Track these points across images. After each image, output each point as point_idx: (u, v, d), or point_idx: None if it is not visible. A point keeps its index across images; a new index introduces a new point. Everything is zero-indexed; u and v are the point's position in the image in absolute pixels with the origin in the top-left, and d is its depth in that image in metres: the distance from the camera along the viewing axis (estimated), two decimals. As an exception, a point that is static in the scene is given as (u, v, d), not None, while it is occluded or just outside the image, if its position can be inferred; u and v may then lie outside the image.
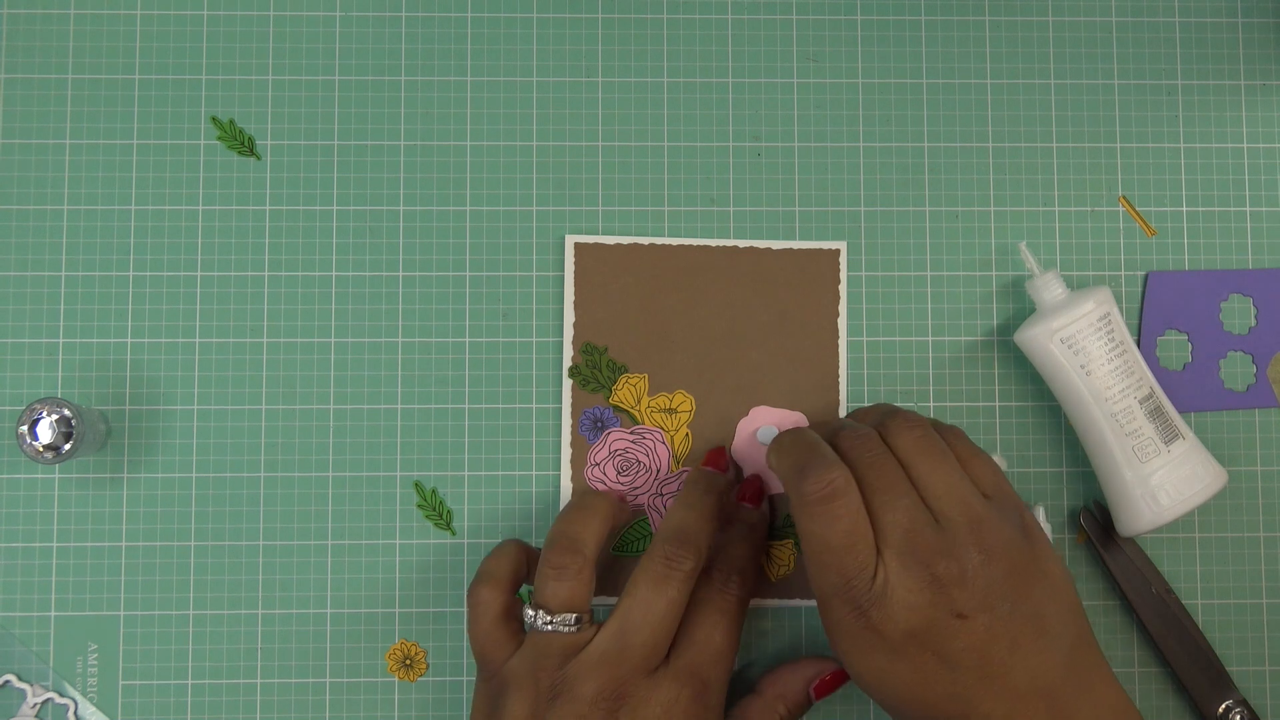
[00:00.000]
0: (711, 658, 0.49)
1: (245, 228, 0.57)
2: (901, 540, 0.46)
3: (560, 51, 0.58)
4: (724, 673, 0.50)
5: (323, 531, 0.56)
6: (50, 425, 0.52)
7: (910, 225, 0.58)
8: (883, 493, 0.47)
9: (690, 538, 0.50)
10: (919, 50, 0.59)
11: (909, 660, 0.46)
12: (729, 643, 0.50)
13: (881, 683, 0.47)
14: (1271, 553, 0.57)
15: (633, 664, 0.48)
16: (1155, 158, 0.58)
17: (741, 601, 0.51)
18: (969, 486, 0.48)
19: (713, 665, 0.49)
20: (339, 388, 0.57)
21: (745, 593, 0.52)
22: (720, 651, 0.50)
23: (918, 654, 0.46)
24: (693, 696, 0.48)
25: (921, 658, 0.46)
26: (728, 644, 0.50)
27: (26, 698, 0.55)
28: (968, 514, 0.47)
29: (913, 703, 0.46)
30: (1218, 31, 0.59)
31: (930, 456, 0.48)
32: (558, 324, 0.57)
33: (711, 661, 0.49)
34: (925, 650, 0.46)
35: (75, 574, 0.56)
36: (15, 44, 0.58)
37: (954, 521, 0.47)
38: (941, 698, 0.46)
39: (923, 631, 0.45)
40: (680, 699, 0.48)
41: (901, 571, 0.46)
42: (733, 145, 0.58)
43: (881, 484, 0.47)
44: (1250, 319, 0.58)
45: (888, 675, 0.46)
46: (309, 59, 0.58)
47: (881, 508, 0.47)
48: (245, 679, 0.56)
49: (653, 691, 0.48)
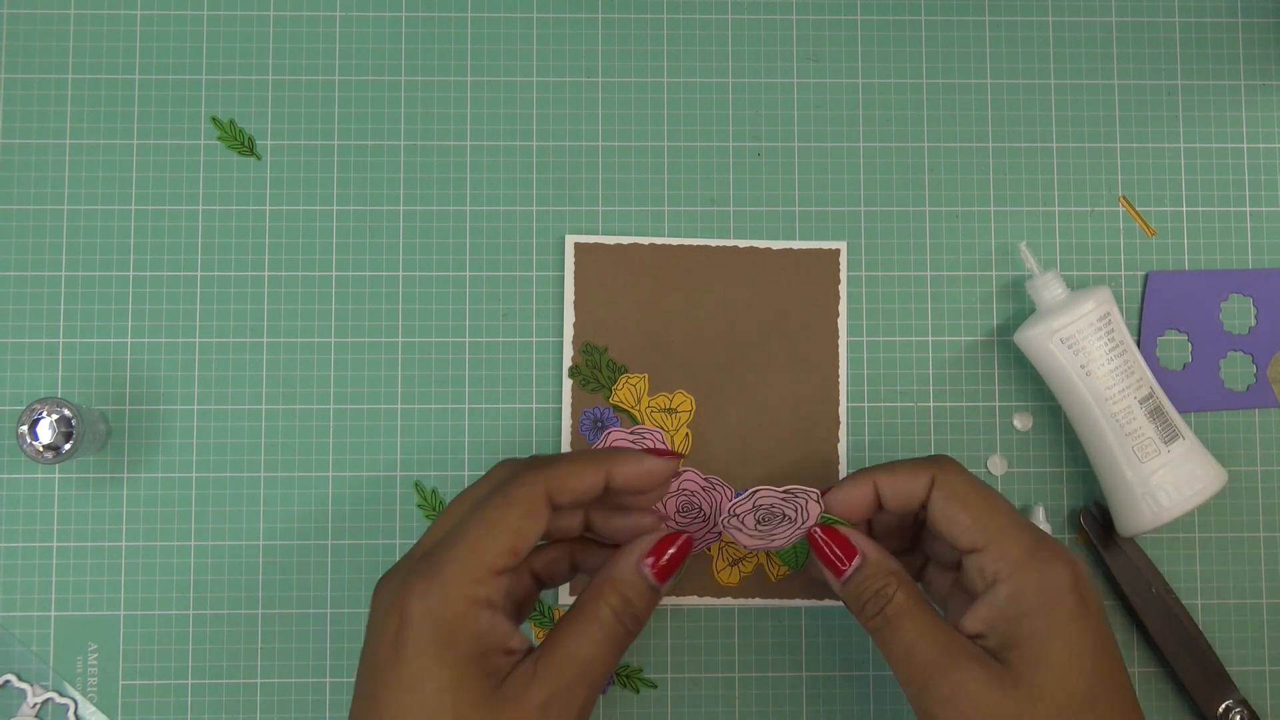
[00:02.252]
0: (453, 543, 0.45)
1: (245, 228, 0.57)
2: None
3: (560, 51, 0.58)
4: (467, 559, 0.44)
5: (323, 531, 0.56)
6: (50, 425, 0.52)
7: (910, 225, 0.58)
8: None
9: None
10: (919, 50, 0.59)
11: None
12: (487, 536, 0.45)
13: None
14: (1271, 553, 0.57)
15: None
16: (1155, 158, 0.58)
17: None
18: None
19: (450, 548, 0.45)
20: (339, 388, 0.57)
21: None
22: (472, 543, 0.44)
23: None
24: (407, 580, 0.44)
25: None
26: (486, 538, 0.45)
27: (26, 698, 0.55)
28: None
29: None
30: (1218, 31, 0.59)
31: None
32: (558, 324, 0.57)
33: (450, 546, 0.45)
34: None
35: (75, 574, 0.56)
36: (15, 44, 0.58)
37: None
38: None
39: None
40: (397, 584, 0.44)
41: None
42: (733, 145, 0.58)
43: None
44: (1250, 319, 0.58)
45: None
46: (309, 59, 0.58)
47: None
48: (245, 679, 0.56)
49: (390, 578, 0.45)
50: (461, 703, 0.42)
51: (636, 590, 0.46)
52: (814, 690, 0.56)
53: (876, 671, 0.56)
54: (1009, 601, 0.45)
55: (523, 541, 0.45)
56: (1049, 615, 0.45)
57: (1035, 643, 0.44)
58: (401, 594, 0.43)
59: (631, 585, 0.46)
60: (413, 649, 0.43)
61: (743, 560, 0.56)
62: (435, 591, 0.43)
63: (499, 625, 0.44)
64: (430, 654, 0.43)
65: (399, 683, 0.43)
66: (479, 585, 0.44)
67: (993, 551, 0.46)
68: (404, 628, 0.43)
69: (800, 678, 0.56)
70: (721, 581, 0.56)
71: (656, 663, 0.56)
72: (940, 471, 0.48)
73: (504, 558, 0.44)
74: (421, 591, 0.43)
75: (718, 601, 0.56)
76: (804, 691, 0.56)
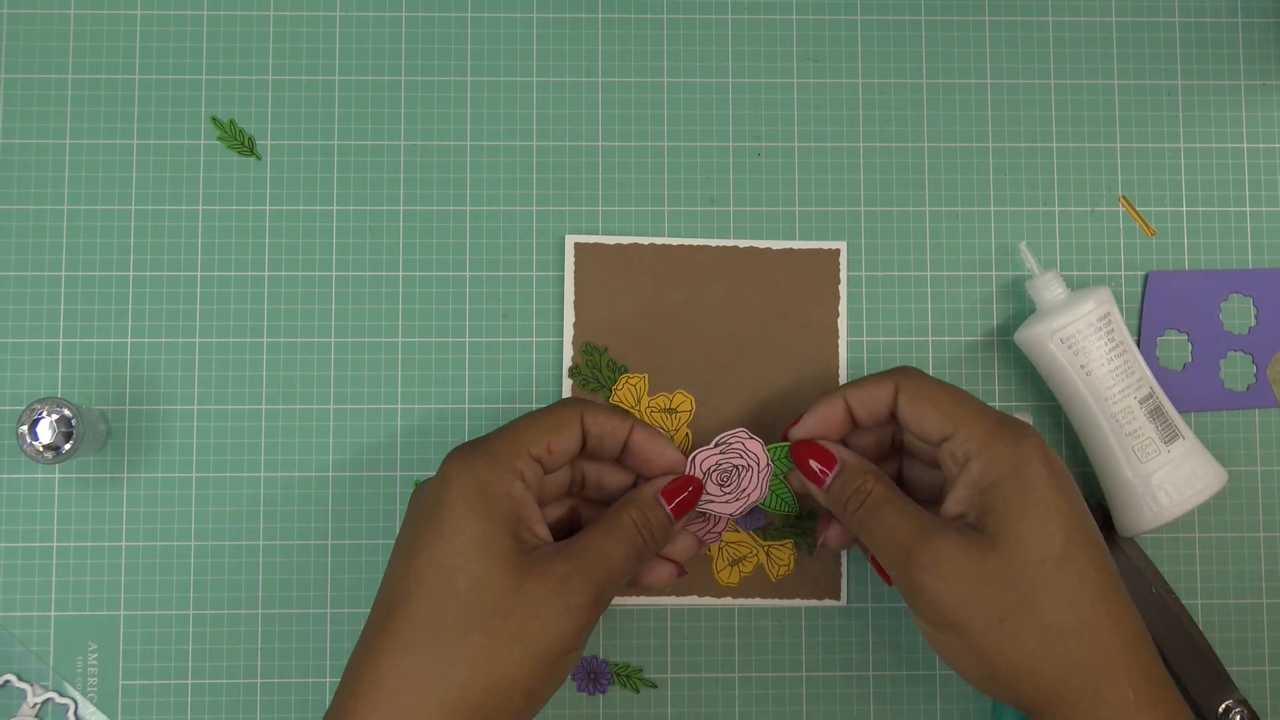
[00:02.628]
0: (500, 432, 0.49)
1: (245, 228, 0.57)
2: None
3: (560, 51, 0.58)
4: (508, 440, 0.49)
5: (323, 531, 0.56)
6: (50, 425, 0.52)
7: (910, 225, 0.58)
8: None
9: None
10: (919, 50, 0.59)
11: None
12: (528, 425, 0.50)
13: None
14: (1271, 553, 0.57)
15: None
16: (1155, 158, 0.58)
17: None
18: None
19: (496, 435, 0.49)
20: (339, 388, 0.57)
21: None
22: (514, 431, 0.49)
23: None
24: (452, 457, 0.48)
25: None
26: (525, 427, 0.49)
27: (26, 698, 0.55)
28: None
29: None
30: (1218, 31, 0.59)
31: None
32: (558, 324, 0.57)
33: (498, 434, 0.49)
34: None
35: (75, 574, 0.56)
36: (15, 44, 0.58)
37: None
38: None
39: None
40: (447, 462, 0.48)
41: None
42: (733, 145, 0.58)
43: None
44: (1250, 319, 0.58)
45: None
46: (309, 59, 0.58)
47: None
48: (245, 679, 0.56)
49: (442, 463, 0.49)
50: (491, 556, 0.46)
51: (655, 514, 0.50)
52: (814, 690, 0.56)
53: (876, 672, 0.56)
54: (981, 474, 0.47)
55: (560, 444, 0.49)
56: (1018, 480, 0.47)
57: (1009, 507, 0.46)
58: (447, 464, 0.48)
59: (651, 508, 0.50)
60: (452, 502, 0.47)
61: (743, 560, 0.56)
62: (478, 458, 0.48)
63: (530, 503, 0.48)
64: (466, 507, 0.47)
65: (435, 532, 0.46)
66: (516, 459, 0.48)
67: (961, 434, 0.48)
68: (445, 485, 0.47)
69: (800, 678, 0.56)
70: (721, 581, 0.56)
71: (656, 663, 0.56)
72: (903, 377, 0.50)
73: (540, 447, 0.49)
74: (465, 458, 0.48)
75: (718, 601, 0.56)
76: (804, 691, 0.56)
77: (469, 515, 0.46)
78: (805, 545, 0.56)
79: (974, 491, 0.47)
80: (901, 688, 0.56)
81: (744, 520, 0.56)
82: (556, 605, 0.46)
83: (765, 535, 0.56)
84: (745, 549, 0.56)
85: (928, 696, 0.56)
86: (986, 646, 0.45)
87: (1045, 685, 0.45)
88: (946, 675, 0.57)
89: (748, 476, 0.53)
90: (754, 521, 0.56)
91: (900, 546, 0.47)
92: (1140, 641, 0.46)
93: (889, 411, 0.51)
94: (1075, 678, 0.45)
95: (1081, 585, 0.45)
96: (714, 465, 0.53)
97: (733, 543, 0.56)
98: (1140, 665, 0.45)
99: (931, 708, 0.56)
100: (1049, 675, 0.45)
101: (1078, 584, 0.45)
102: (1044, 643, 0.45)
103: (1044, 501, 0.46)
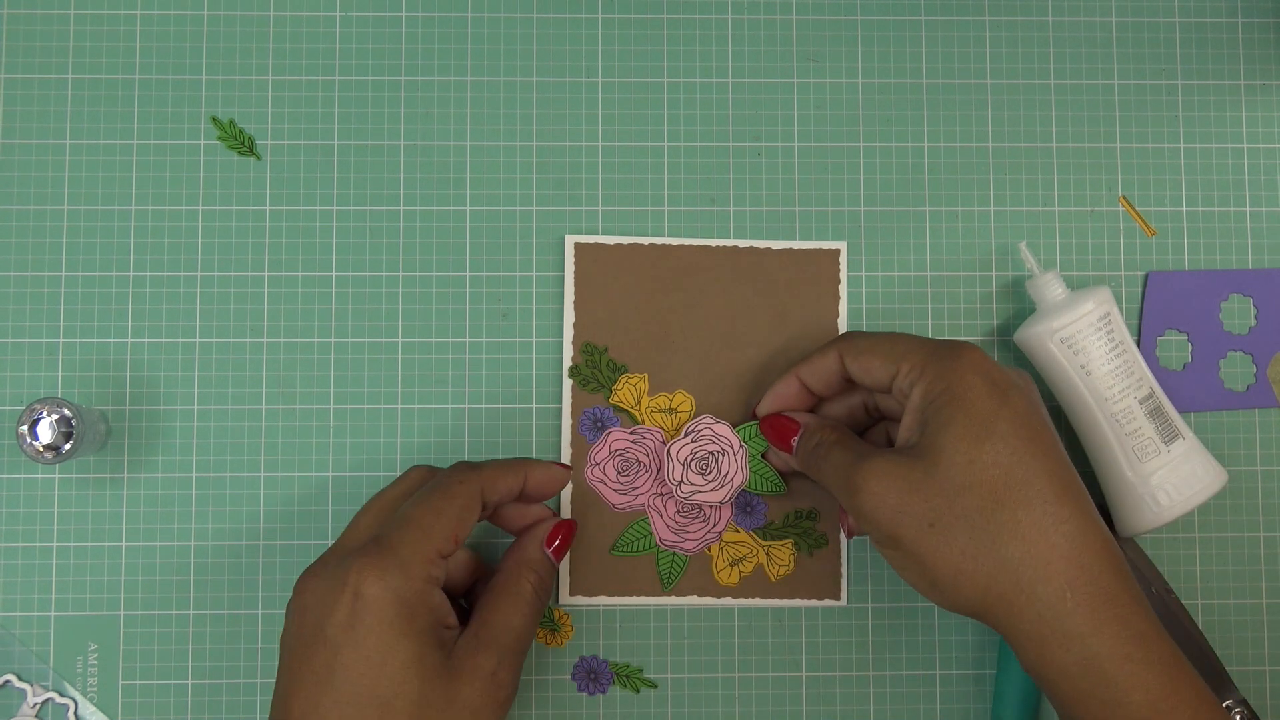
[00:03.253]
0: (402, 526, 0.48)
1: (245, 228, 0.57)
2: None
3: (560, 51, 0.58)
4: (415, 539, 0.48)
5: (323, 531, 0.56)
6: (50, 425, 0.52)
7: (910, 225, 0.58)
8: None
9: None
10: (919, 50, 0.59)
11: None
12: (432, 518, 0.49)
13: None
14: (1271, 553, 0.57)
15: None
16: (1155, 158, 0.58)
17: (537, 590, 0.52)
18: None
19: (400, 531, 0.48)
20: (339, 388, 0.57)
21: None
22: (415, 522, 0.48)
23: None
24: (360, 561, 0.47)
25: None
26: (429, 517, 0.49)
27: (26, 698, 0.55)
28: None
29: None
30: (1218, 31, 0.59)
31: None
32: (558, 324, 0.57)
33: (400, 529, 0.48)
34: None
35: (75, 574, 0.56)
36: (15, 44, 0.58)
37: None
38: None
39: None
40: (350, 565, 0.47)
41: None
42: (733, 145, 0.58)
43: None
44: (1250, 319, 0.58)
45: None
46: (309, 59, 0.58)
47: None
48: (245, 679, 0.56)
49: (336, 562, 0.47)
50: (425, 674, 0.46)
51: (545, 568, 0.52)
52: (814, 690, 0.56)
53: (876, 671, 0.56)
54: (920, 400, 0.48)
55: (463, 530, 0.49)
56: (950, 394, 0.47)
57: (938, 422, 0.47)
58: (355, 576, 0.46)
59: (541, 563, 0.52)
60: (374, 625, 0.45)
61: (743, 560, 0.56)
62: (394, 571, 0.46)
63: (445, 603, 0.48)
64: (394, 629, 0.46)
65: (362, 659, 0.45)
66: (430, 565, 0.48)
67: (902, 369, 0.49)
68: (362, 606, 0.46)
69: (800, 678, 0.56)
70: (721, 581, 0.56)
71: (656, 663, 0.56)
72: (843, 340, 0.52)
73: (448, 543, 0.48)
74: (378, 572, 0.46)
75: (718, 601, 0.56)
76: (804, 691, 0.56)
77: (398, 638, 0.46)
78: (805, 545, 0.56)
79: (915, 416, 0.48)
80: (901, 688, 0.56)
81: (744, 520, 0.56)
82: (490, 704, 0.48)
83: (765, 535, 0.56)
84: (745, 549, 0.56)
85: (928, 696, 0.56)
86: (921, 552, 0.46)
87: (981, 583, 0.46)
88: (946, 675, 0.57)
89: (725, 461, 0.54)
90: (754, 521, 0.56)
91: (844, 477, 0.49)
92: (1087, 545, 0.45)
93: (840, 378, 0.52)
94: (1006, 573, 0.45)
95: (1010, 487, 0.46)
96: (690, 455, 0.54)
97: (733, 543, 0.56)
98: (1084, 567, 0.45)
99: (931, 708, 0.56)
100: (984, 574, 0.46)
101: (1007, 486, 0.46)
102: (974, 541, 0.45)
103: (974, 410, 0.47)
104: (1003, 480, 0.46)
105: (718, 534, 0.55)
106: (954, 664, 0.56)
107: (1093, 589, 0.45)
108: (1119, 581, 0.45)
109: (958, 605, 0.47)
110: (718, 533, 0.55)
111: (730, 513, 0.56)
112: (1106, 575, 0.45)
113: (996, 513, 0.46)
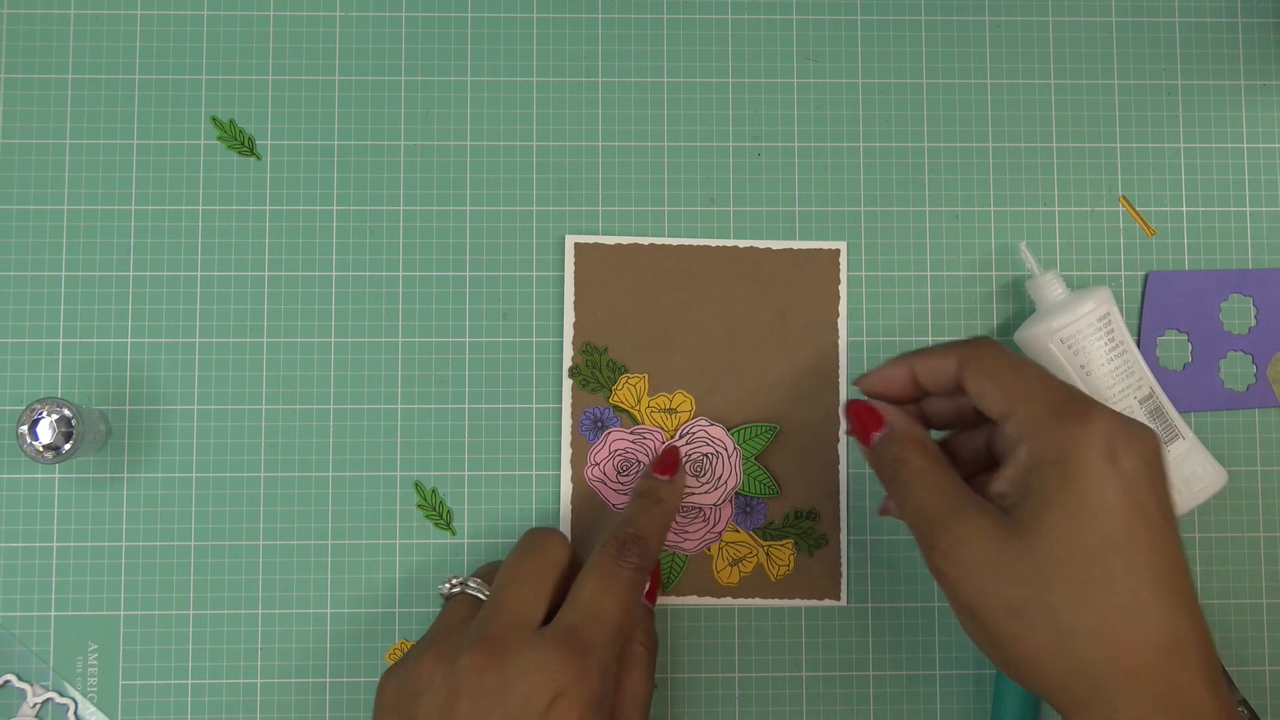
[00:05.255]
0: (595, 621, 0.49)
1: (245, 228, 0.57)
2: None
3: (560, 51, 0.58)
4: (609, 638, 0.49)
5: (323, 531, 0.56)
6: (50, 425, 0.52)
7: (910, 225, 0.58)
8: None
9: (641, 536, 0.52)
10: (919, 50, 0.59)
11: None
12: (618, 609, 0.49)
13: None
14: (1271, 553, 0.57)
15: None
16: (1155, 158, 0.58)
17: (639, 571, 0.51)
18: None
19: (596, 628, 0.48)
20: (339, 388, 0.57)
21: (644, 562, 0.51)
22: (607, 617, 0.49)
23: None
24: (565, 658, 0.47)
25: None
26: (617, 611, 0.49)
27: (26, 698, 0.55)
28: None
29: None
30: (1218, 31, 0.59)
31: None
32: (558, 324, 0.57)
33: (595, 624, 0.48)
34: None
35: (75, 574, 0.56)
36: (15, 44, 0.58)
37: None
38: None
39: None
40: (551, 660, 0.47)
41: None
42: (733, 145, 0.58)
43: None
44: (1250, 319, 0.58)
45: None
46: (309, 59, 0.58)
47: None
48: (245, 679, 0.56)
49: (526, 649, 0.47)
50: None
51: (647, 620, 0.54)
52: (814, 690, 0.56)
53: (876, 672, 0.57)
54: (1028, 458, 0.44)
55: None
56: (1062, 467, 0.43)
57: (1043, 494, 0.43)
58: (558, 671, 0.47)
59: (643, 618, 0.53)
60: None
61: (743, 560, 0.56)
62: (595, 676, 0.48)
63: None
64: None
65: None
66: (614, 660, 0.50)
67: (1019, 414, 0.45)
68: (567, 707, 0.47)
69: (800, 678, 0.56)
70: (721, 581, 0.56)
71: (657, 662, 0.56)
72: (970, 349, 0.48)
73: (623, 636, 0.50)
74: (583, 675, 0.47)
75: (718, 601, 0.56)
76: (804, 691, 0.56)
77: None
78: (805, 545, 0.56)
79: (1019, 473, 0.45)
80: (901, 688, 0.56)
81: (744, 520, 0.56)
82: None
83: (765, 535, 0.56)
84: (745, 549, 0.56)
85: (928, 696, 0.56)
86: (998, 635, 0.44)
87: (1058, 682, 0.43)
88: (946, 675, 0.57)
89: (719, 463, 0.54)
90: (754, 521, 0.56)
91: (926, 525, 0.46)
92: (1182, 658, 0.42)
93: (954, 384, 0.48)
94: (1088, 680, 0.43)
95: (1107, 588, 0.42)
96: (684, 457, 0.54)
97: (732, 543, 0.56)
98: (1175, 685, 0.42)
99: (931, 708, 0.56)
100: (1062, 671, 0.43)
101: (1103, 586, 0.42)
102: (1058, 639, 0.43)
103: (1086, 493, 0.43)
104: (1101, 581, 0.42)
105: (717, 534, 0.55)
106: (954, 664, 0.56)
107: (1173, 694, 0.42)
108: (1211, 699, 0.42)
109: (1028, 688, 0.45)
110: (717, 533, 0.55)
111: (730, 513, 0.56)
112: (1198, 688, 0.42)
113: (1085, 612, 0.42)
